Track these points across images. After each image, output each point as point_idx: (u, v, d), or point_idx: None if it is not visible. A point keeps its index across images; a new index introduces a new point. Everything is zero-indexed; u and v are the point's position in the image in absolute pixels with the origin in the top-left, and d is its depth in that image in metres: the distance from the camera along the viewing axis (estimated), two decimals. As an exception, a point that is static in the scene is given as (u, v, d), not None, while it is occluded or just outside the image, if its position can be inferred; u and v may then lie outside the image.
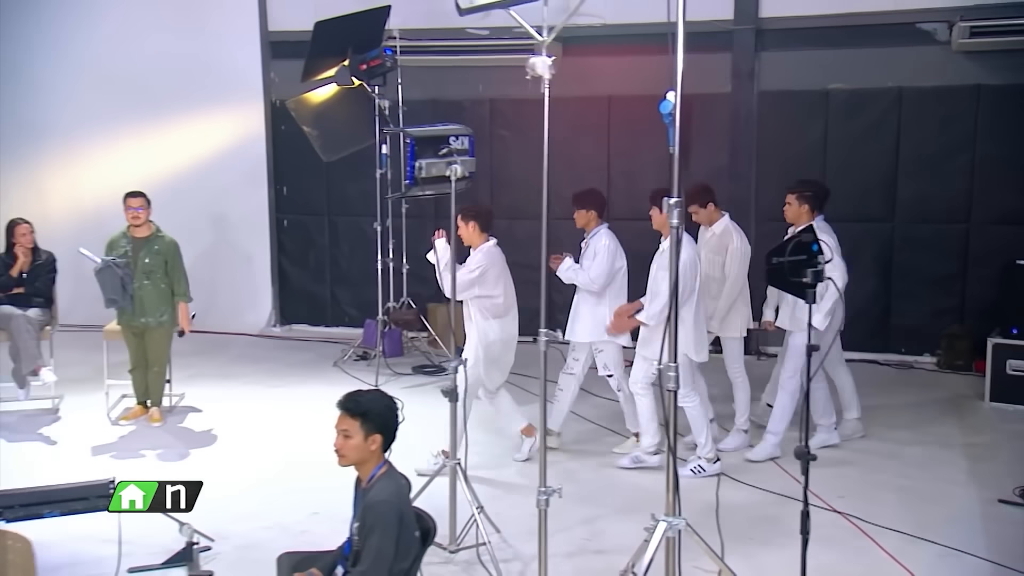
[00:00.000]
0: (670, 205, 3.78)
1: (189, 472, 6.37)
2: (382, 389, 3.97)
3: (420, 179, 4.75)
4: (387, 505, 3.42)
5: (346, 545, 3.64)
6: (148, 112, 10.41)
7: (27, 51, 10.51)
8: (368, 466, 3.59)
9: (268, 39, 10.33)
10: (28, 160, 10.66)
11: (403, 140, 5.03)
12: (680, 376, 5.82)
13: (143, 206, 7.11)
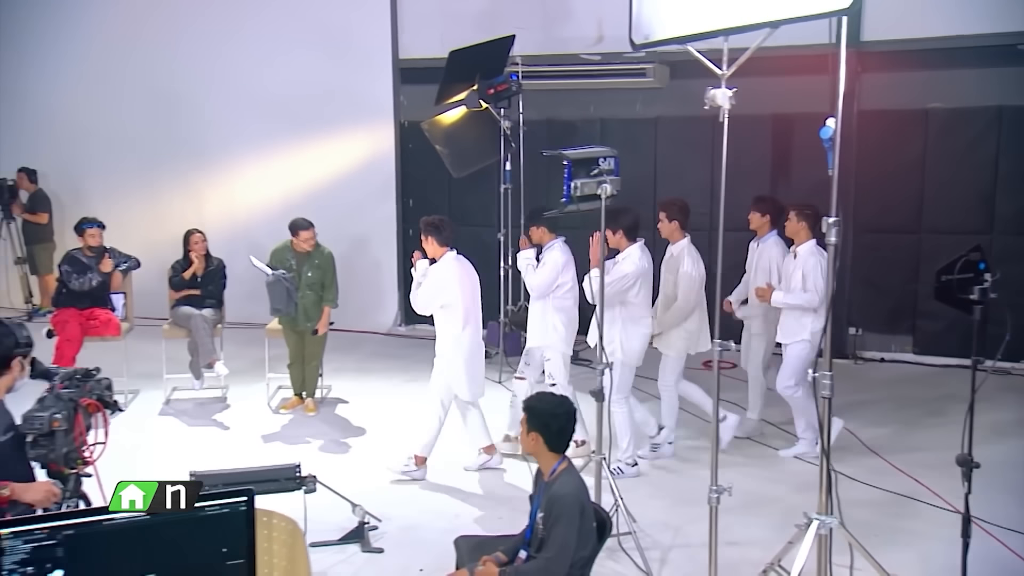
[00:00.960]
0: (829, 224, 3.75)
1: (349, 459, 6.68)
2: (565, 395, 4.06)
3: (575, 197, 4.85)
4: (571, 498, 3.53)
5: (527, 531, 3.76)
6: (292, 132, 10.74)
7: (189, 78, 10.93)
8: (544, 460, 3.70)
9: (399, 66, 10.55)
10: (188, 176, 11.09)
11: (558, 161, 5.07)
12: (618, 381, 6.08)
13: (313, 236, 7.51)
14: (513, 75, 8.89)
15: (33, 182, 10.93)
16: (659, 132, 9.67)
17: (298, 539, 2.99)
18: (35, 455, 3.50)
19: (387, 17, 10.44)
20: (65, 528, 2.61)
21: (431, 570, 4.90)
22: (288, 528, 3.03)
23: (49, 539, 2.58)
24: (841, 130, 8.94)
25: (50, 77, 11.33)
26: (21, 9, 11.40)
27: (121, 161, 11.22)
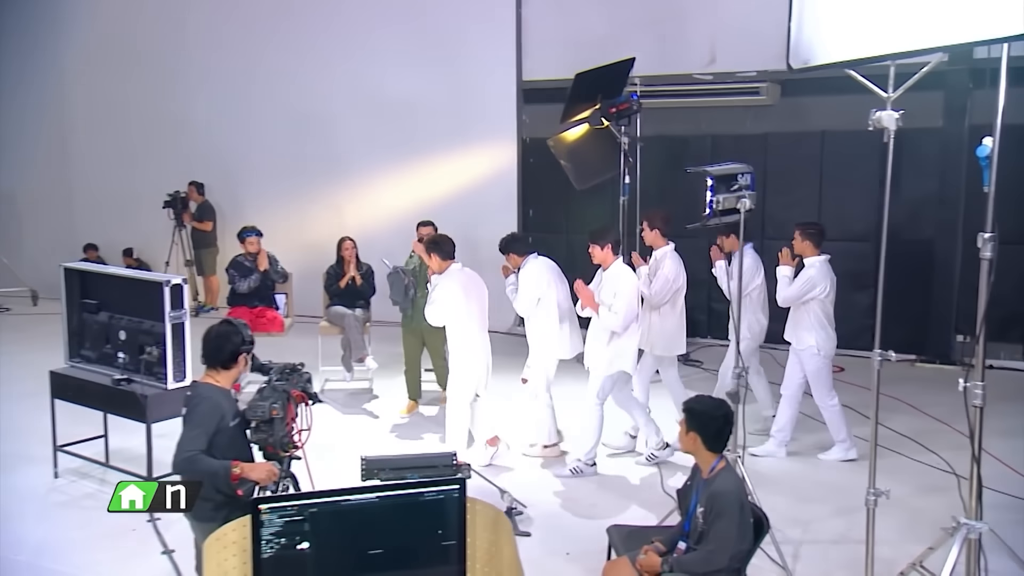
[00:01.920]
0: (984, 239, 3.68)
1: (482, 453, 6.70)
2: (723, 400, 4.08)
3: (717, 211, 4.89)
4: (732, 495, 3.56)
5: (685, 524, 3.80)
6: (422, 147, 10.96)
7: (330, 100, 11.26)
8: (702, 458, 3.73)
9: (522, 87, 10.71)
10: (330, 188, 11.38)
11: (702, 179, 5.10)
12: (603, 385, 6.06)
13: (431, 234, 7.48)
14: (634, 95, 8.93)
15: (201, 194, 11.44)
16: (768, 147, 9.58)
17: (502, 525, 3.11)
18: (256, 439, 3.73)
19: (512, 42, 10.60)
20: (310, 506, 2.79)
21: (577, 555, 4.97)
22: (491, 515, 3.14)
23: (298, 515, 2.77)
24: (951, 145, 8.88)
25: (213, 103, 11.87)
26: (193, 50, 11.93)
27: (272, 175, 11.64)
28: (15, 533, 5.24)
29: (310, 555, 2.79)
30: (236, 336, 3.74)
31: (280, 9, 11.42)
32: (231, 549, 2.90)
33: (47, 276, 12.28)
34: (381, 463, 4.61)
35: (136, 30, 12.14)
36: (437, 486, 2.93)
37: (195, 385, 3.76)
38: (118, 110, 12.40)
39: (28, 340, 10.02)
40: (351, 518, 2.84)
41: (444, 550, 2.89)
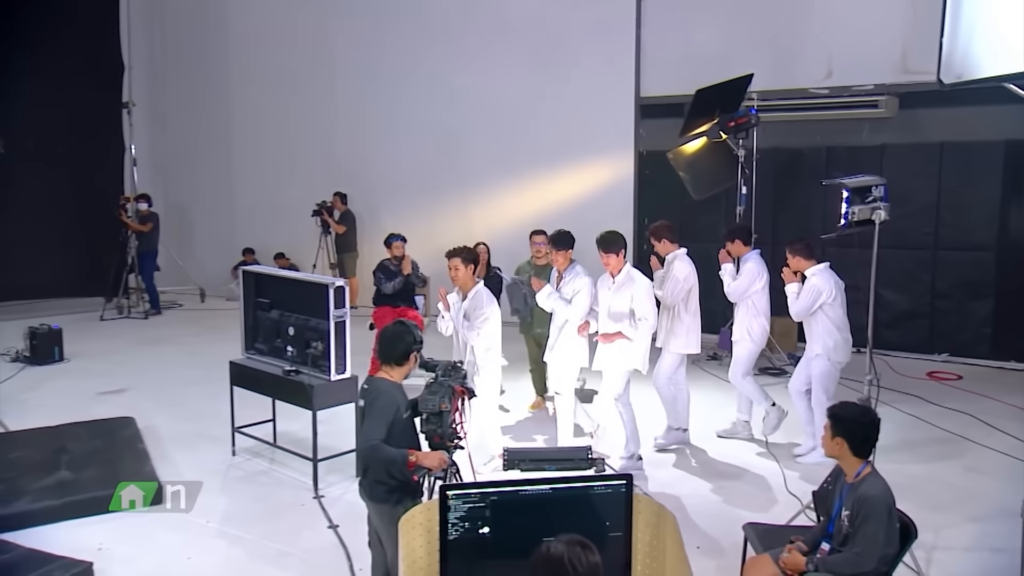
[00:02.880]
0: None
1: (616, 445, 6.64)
2: (869, 406, 3.94)
3: (852, 222, 4.74)
4: (880, 499, 3.44)
5: (829, 525, 3.69)
6: (544, 158, 11.02)
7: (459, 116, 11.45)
8: (848, 463, 3.60)
9: (639, 103, 10.64)
10: (458, 196, 11.59)
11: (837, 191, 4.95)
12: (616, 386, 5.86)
13: (544, 242, 7.31)
14: (752, 109, 8.76)
15: (344, 203, 11.78)
16: (885, 159, 9.22)
17: (665, 520, 3.09)
18: (427, 430, 3.81)
19: (631, 61, 10.55)
20: (492, 494, 2.84)
21: (707, 548, 4.89)
22: (655, 509, 3.13)
23: (480, 502, 2.82)
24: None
25: (355, 122, 12.24)
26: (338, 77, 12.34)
27: (406, 185, 11.93)
28: (203, 502, 5.51)
29: (490, 538, 2.83)
30: (408, 336, 3.83)
31: (413, 36, 11.67)
32: (418, 530, 2.98)
33: (213, 276, 12.99)
34: (522, 455, 4.67)
35: (291, 62, 12.64)
36: (606, 481, 2.92)
37: (372, 380, 3.86)
38: (274, 130, 12.92)
39: (199, 332, 10.55)
40: (528, 507, 2.87)
41: (611, 540, 2.89)
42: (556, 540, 2.25)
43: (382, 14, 11.88)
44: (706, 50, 9.83)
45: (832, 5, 9.30)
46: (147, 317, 11.59)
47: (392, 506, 3.67)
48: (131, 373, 8.66)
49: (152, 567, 4.72)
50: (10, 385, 8.25)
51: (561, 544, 2.23)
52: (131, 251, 11.68)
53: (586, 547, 2.23)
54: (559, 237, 6.10)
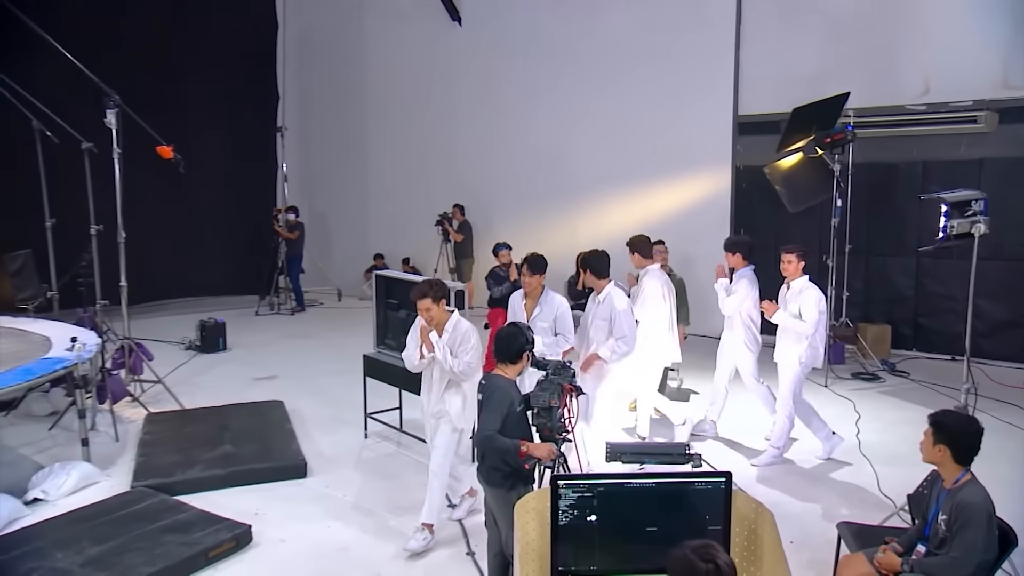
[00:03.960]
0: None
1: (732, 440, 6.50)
2: (972, 416, 3.69)
3: (951, 236, 4.46)
4: (980, 506, 3.22)
5: (925, 528, 3.49)
6: (645, 172, 10.88)
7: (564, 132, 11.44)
8: (947, 470, 3.38)
9: (737, 120, 10.36)
10: (565, 208, 11.56)
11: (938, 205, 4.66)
12: None
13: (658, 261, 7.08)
14: (849, 126, 8.38)
15: (462, 214, 11.98)
16: (984, 173, 8.64)
17: (763, 516, 2.99)
18: (537, 423, 3.81)
19: (730, 80, 10.28)
20: (599, 486, 2.82)
21: (799, 544, 4.70)
22: (752, 505, 3.03)
23: (588, 492, 2.80)
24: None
25: (473, 140, 12.43)
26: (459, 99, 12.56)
27: (518, 197, 12.01)
28: (340, 477, 5.72)
29: (597, 526, 2.81)
30: (521, 337, 3.85)
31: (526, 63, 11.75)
32: (532, 515, 2.98)
33: (348, 278, 13.43)
34: (623, 448, 4.59)
35: (418, 90, 12.96)
36: (707, 478, 2.84)
37: (488, 376, 3.89)
38: (402, 150, 13.27)
39: (337, 328, 10.92)
40: (632, 498, 2.84)
41: (710, 534, 2.82)
42: (687, 545, 2.22)
43: (499, 45, 12.01)
44: (803, 70, 9.49)
45: (930, 22, 8.79)
46: (293, 314, 12.08)
47: (506, 491, 3.70)
48: (280, 362, 9.06)
49: (298, 532, 4.91)
50: (184, 370, 8.73)
51: (690, 549, 2.20)
52: (281, 256, 12.22)
53: (716, 549, 2.21)
54: (535, 262, 5.37)
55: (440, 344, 4.67)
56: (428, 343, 4.66)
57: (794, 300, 5.97)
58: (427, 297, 4.59)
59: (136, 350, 7.83)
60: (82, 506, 5.17)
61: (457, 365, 4.63)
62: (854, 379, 8.44)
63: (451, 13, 12.34)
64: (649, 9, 10.68)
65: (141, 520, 4.88)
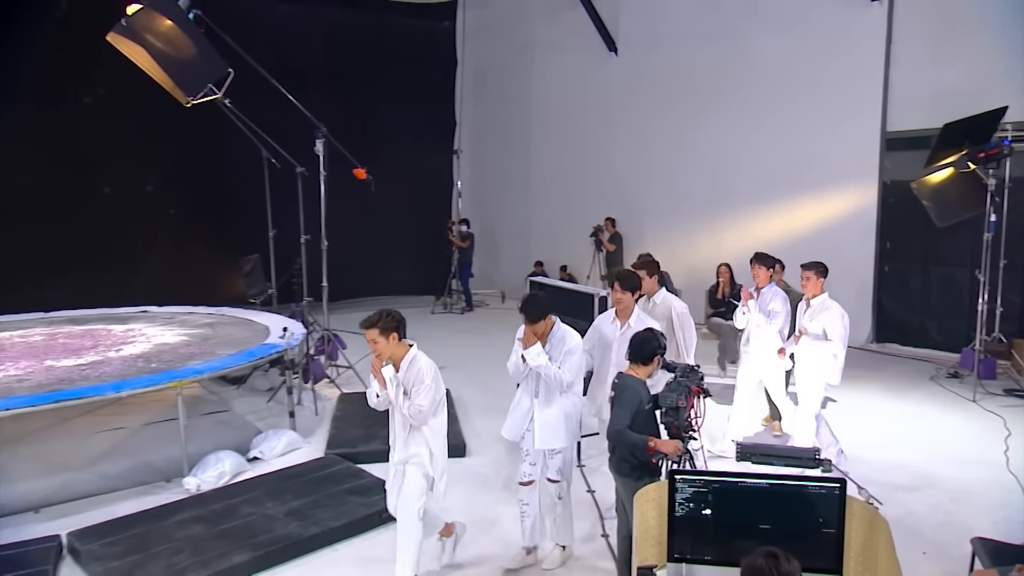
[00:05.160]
0: None
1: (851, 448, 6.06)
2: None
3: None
4: None
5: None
6: (790, 186, 10.38)
7: (712, 146, 11.12)
8: None
9: (885, 136, 9.62)
10: (710, 220, 11.24)
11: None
12: None
13: None
14: (1005, 140, 7.54)
15: (614, 226, 11.95)
16: None
17: (878, 523, 2.81)
18: (665, 421, 3.78)
19: (879, 99, 9.58)
20: (714, 482, 2.77)
21: (933, 555, 4.36)
22: (868, 513, 2.86)
23: (703, 488, 2.77)
24: None
25: (626, 158, 12.38)
26: (614, 120, 12.56)
27: (666, 211, 11.81)
28: (494, 458, 5.90)
29: (711, 519, 2.77)
30: (655, 341, 3.84)
31: (676, 86, 11.52)
32: (651, 504, 2.98)
33: (512, 282, 13.77)
34: (753, 448, 4.42)
35: (577, 110, 13.06)
36: (821, 483, 2.72)
37: (621, 376, 3.90)
38: (561, 167, 13.42)
39: (499, 326, 11.13)
40: (746, 495, 2.78)
41: (824, 536, 2.70)
42: (759, 552, 2.17)
43: (652, 72, 11.88)
44: (955, 85, 8.67)
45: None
46: (463, 313, 12.55)
47: (634, 481, 3.68)
48: (449, 355, 9.37)
49: (455, 504, 5.08)
50: (369, 359, 9.34)
51: (761, 557, 2.14)
52: (454, 262, 12.76)
53: (784, 559, 2.13)
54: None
55: (393, 381, 3.82)
56: (379, 378, 3.84)
57: (816, 318, 5.46)
58: (374, 328, 3.77)
59: (333, 340, 8.50)
60: (287, 466, 5.71)
61: (407, 407, 3.80)
62: (1006, 395, 7.60)
63: (608, 45, 12.35)
64: (798, 34, 10.17)
65: (331, 482, 5.33)
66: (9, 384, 5.49)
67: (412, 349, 3.92)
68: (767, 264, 5.82)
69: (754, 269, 5.83)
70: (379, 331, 3.78)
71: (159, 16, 6.82)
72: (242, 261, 9.91)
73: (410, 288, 13.16)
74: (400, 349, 3.87)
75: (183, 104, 7.11)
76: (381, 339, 3.78)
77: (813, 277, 5.51)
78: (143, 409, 6.44)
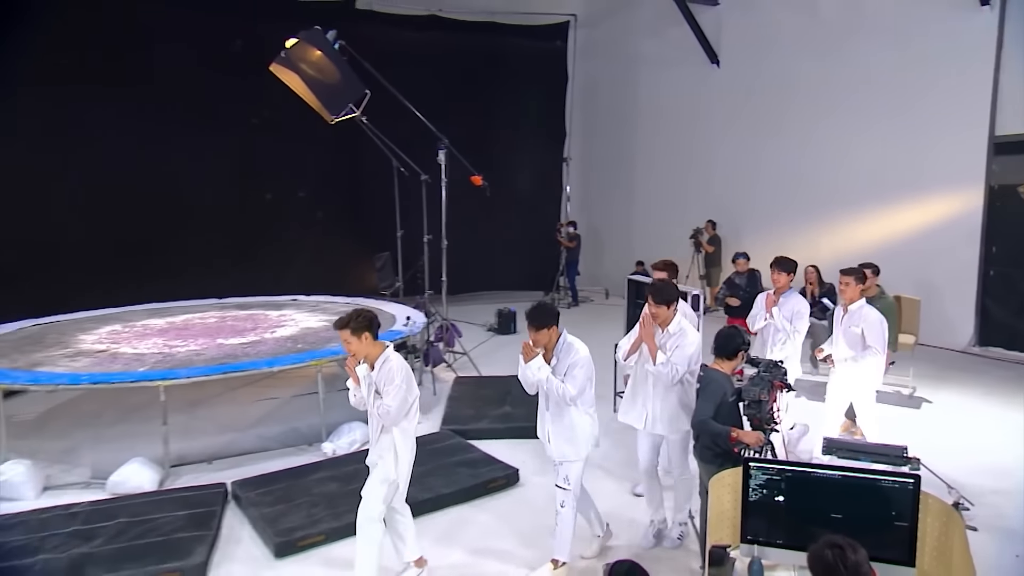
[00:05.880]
0: None
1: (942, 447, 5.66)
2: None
3: None
4: None
5: None
6: (889, 192, 9.72)
7: (808, 151, 10.57)
8: None
9: (993, 140, 8.79)
10: (807, 225, 10.69)
11: None
12: None
13: None
14: None
15: (713, 229, 11.64)
16: None
17: (953, 520, 2.67)
18: (748, 414, 3.72)
19: (987, 103, 8.77)
20: (787, 471, 2.73)
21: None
22: (944, 510, 2.72)
23: (776, 476, 2.72)
24: None
25: (727, 164, 12.01)
26: (713, 127, 12.21)
27: (764, 215, 11.35)
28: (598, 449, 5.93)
29: (784, 506, 2.72)
30: (739, 337, 3.78)
31: (778, 95, 11.04)
32: (727, 489, 2.96)
33: (615, 279, 13.65)
34: (840, 443, 4.24)
35: (680, 119, 12.79)
36: (894, 477, 2.61)
37: (706, 368, 3.87)
38: (663, 172, 13.20)
39: (601, 321, 11.18)
40: (818, 485, 2.70)
41: (896, 529, 2.59)
42: (824, 542, 2.10)
43: (752, 82, 11.46)
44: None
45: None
46: (569, 307, 12.57)
47: (716, 468, 3.63)
48: (555, 346, 9.54)
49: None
50: (485, 346, 9.52)
51: (827, 548, 2.07)
52: (561, 261, 12.85)
53: (850, 549, 2.06)
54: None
55: (367, 380, 3.63)
56: (354, 377, 3.66)
57: (855, 324, 4.94)
58: (345, 328, 3.55)
59: (451, 328, 8.83)
60: (408, 438, 6.01)
61: (379, 407, 3.58)
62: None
63: (711, 58, 12.02)
64: (905, 42, 9.49)
65: (444, 454, 5.57)
66: (190, 357, 6.12)
67: (387, 350, 3.64)
68: (787, 269, 5.34)
69: (774, 274, 5.34)
70: (350, 331, 3.54)
71: (311, 47, 7.36)
72: (375, 257, 10.48)
73: (521, 284, 13.35)
74: (375, 348, 3.61)
75: (328, 122, 7.64)
76: (353, 339, 3.55)
77: (852, 283, 5.01)
78: (291, 383, 6.99)
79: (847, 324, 5.05)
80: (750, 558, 2.69)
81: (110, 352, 6.28)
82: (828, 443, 4.01)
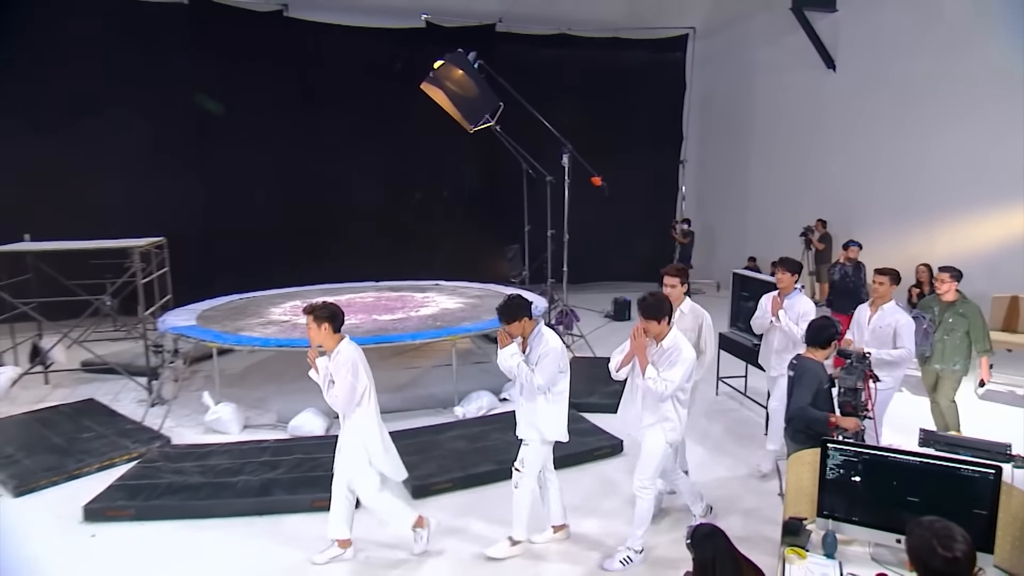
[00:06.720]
0: None
1: None
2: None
3: None
4: None
5: None
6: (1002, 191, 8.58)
7: (926, 155, 9.57)
8: None
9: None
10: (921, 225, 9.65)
11: None
12: None
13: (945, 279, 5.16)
14: None
15: (824, 227, 10.90)
16: None
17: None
18: (842, 401, 3.59)
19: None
20: (864, 454, 2.67)
21: None
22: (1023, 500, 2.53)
23: (854, 457, 2.67)
24: None
25: (839, 164, 11.15)
26: (830, 131, 11.40)
27: (877, 215, 10.42)
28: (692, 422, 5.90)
29: (860, 486, 2.66)
30: (832, 328, 3.66)
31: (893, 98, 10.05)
32: (806, 468, 2.93)
33: (726, 273, 13.15)
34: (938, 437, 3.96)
35: (796, 122, 12.05)
36: (974, 466, 2.48)
37: (800, 358, 3.79)
38: (777, 173, 12.51)
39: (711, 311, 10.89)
40: (895, 469, 2.62)
41: (975, 516, 2.45)
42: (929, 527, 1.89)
43: (869, 86, 10.51)
44: None
45: None
46: (680, 298, 12.34)
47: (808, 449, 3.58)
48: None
49: None
50: (600, 331, 9.58)
51: (933, 533, 1.86)
52: (675, 256, 12.58)
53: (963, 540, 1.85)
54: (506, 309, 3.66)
55: (324, 369, 3.59)
56: (314, 366, 3.62)
57: (887, 325, 4.41)
58: (309, 315, 3.53)
59: (570, 313, 9.02)
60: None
61: (330, 396, 3.56)
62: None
63: (827, 62, 11.20)
64: (1014, 43, 8.31)
65: (557, 421, 5.78)
66: (350, 330, 6.76)
67: (342, 342, 3.56)
68: (792, 269, 4.86)
69: (778, 274, 4.87)
70: (313, 318, 3.53)
71: (454, 67, 7.82)
72: (506, 249, 10.88)
73: (637, 276, 13.18)
74: (331, 339, 3.54)
75: (467, 131, 8.08)
76: (313, 325, 3.52)
77: (887, 282, 4.59)
78: (430, 355, 7.52)
79: (876, 323, 4.63)
80: (824, 531, 2.67)
81: (291, 323, 7.10)
82: (925, 435, 3.78)
